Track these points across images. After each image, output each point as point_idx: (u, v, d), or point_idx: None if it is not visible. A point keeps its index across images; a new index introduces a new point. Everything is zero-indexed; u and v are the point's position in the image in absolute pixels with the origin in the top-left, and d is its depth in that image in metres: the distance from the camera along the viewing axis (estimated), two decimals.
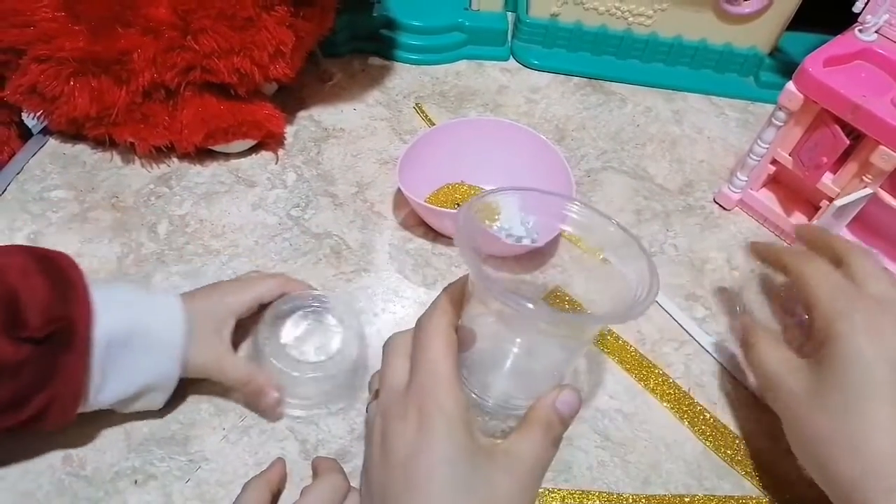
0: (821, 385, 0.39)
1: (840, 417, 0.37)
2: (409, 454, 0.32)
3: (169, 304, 0.42)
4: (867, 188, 0.50)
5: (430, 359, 0.34)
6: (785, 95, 0.52)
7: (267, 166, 0.60)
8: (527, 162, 0.57)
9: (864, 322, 0.38)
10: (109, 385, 0.40)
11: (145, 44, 0.53)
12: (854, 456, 0.36)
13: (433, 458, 0.32)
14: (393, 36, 0.71)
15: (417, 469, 0.32)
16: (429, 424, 0.32)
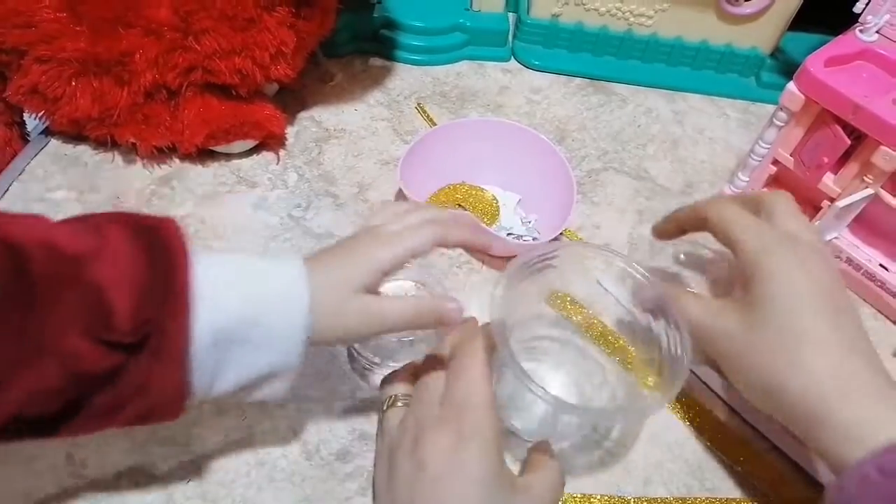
0: (753, 319, 0.39)
1: (778, 342, 0.38)
2: (444, 470, 0.33)
3: (289, 286, 0.36)
4: (868, 189, 0.50)
5: (472, 380, 0.35)
6: (786, 96, 0.52)
7: (268, 167, 0.60)
8: (528, 163, 0.57)
9: (790, 255, 0.40)
10: (222, 379, 0.35)
11: (147, 44, 0.53)
12: (796, 373, 0.37)
13: (468, 478, 0.32)
14: (394, 36, 0.71)
15: (452, 487, 0.32)
16: (466, 444, 0.33)
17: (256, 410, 0.45)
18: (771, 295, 0.39)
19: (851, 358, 0.37)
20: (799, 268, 0.39)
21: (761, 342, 0.39)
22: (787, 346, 0.38)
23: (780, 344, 0.38)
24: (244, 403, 0.45)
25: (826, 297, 0.39)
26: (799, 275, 0.39)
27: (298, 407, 0.46)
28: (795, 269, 0.39)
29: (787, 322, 0.38)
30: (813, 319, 0.38)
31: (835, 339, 0.38)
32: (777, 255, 0.40)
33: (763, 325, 0.39)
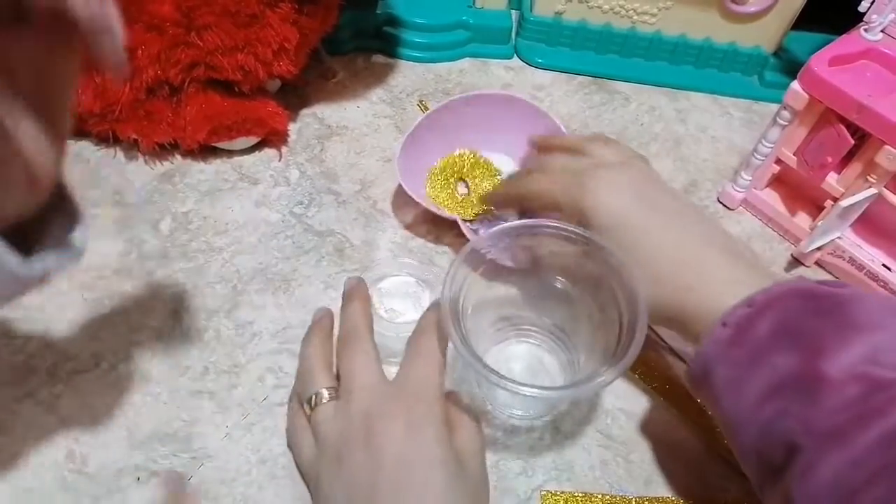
0: None
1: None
2: (404, 457, 0.33)
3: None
4: (872, 188, 0.50)
5: (426, 371, 0.37)
6: (790, 95, 0.52)
7: (270, 164, 0.60)
8: (517, 128, 0.57)
9: (603, 187, 0.42)
10: None
11: (149, 40, 0.53)
12: (651, 278, 0.39)
13: (428, 460, 0.33)
14: (396, 33, 0.71)
15: (413, 472, 0.33)
16: (420, 426, 0.34)
17: (258, 408, 0.45)
18: (604, 232, 0.41)
19: (689, 247, 0.40)
20: (618, 196, 0.42)
21: None
22: (624, 248, 0.40)
23: (619, 246, 0.40)
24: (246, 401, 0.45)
25: (638, 194, 0.42)
26: (617, 201, 0.42)
27: None
28: (615, 199, 0.42)
29: (612, 221, 0.41)
30: (632, 215, 0.41)
31: (668, 237, 0.40)
32: (592, 194, 0.42)
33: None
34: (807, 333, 0.34)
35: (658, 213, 0.42)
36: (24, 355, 0.46)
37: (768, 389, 0.34)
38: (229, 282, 0.51)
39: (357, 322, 0.40)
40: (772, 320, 0.35)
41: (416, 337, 0.39)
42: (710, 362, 0.37)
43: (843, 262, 0.55)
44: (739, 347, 0.36)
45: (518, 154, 0.57)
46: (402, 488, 0.33)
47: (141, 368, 0.46)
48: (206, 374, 0.47)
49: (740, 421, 0.36)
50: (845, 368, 0.32)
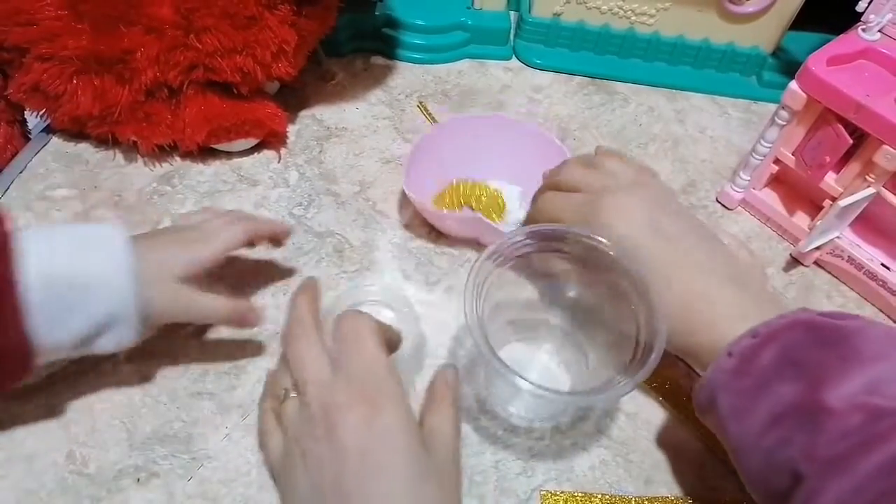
0: None
1: None
2: (366, 445, 0.33)
3: (111, 237, 0.40)
4: (870, 188, 0.50)
5: (369, 350, 0.35)
6: (788, 95, 0.52)
7: (269, 165, 0.60)
8: (527, 155, 0.57)
9: (614, 214, 0.43)
10: (62, 326, 0.38)
11: (148, 42, 0.53)
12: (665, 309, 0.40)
13: (391, 447, 0.33)
14: (395, 35, 0.71)
15: (377, 460, 0.33)
16: (379, 414, 0.33)
17: (258, 409, 0.45)
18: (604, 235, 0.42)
19: (696, 282, 0.41)
20: (624, 222, 0.43)
21: None
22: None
23: None
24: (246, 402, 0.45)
25: (647, 222, 0.43)
26: (624, 227, 0.43)
27: None
28: (622, 225, 0.43)
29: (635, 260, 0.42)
30: (641, 247, 0.42)
31: (676, 273, 0.41)
32: (606, 196, 0.44)
33: None
34: (809, 364, 0.35)
35: (664, 245, 0.42)
36: None
37: (772, 418, 0.35)
38: (228, 283, 0.51)
39: (302, 313, 0.39)
40: (775, 351, 0.36)
41: (348, 321, 0.37)
42: (716, 390, 0.38)
43: (842, 261, 0.55)
44: (744, 377, 0.37)
45: (522, 180, 0.58)
46: (365, 478, 0.33)
47: (141, 370, 0.46)
48: (205, 375, 0.47)
49: (745, 448, 0.37)
50: (847, 398, 0.33)
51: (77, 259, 0.38)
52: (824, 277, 0.57)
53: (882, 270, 0.54)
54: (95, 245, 0.39)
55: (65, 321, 0.38)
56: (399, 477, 0.33)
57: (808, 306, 0.54)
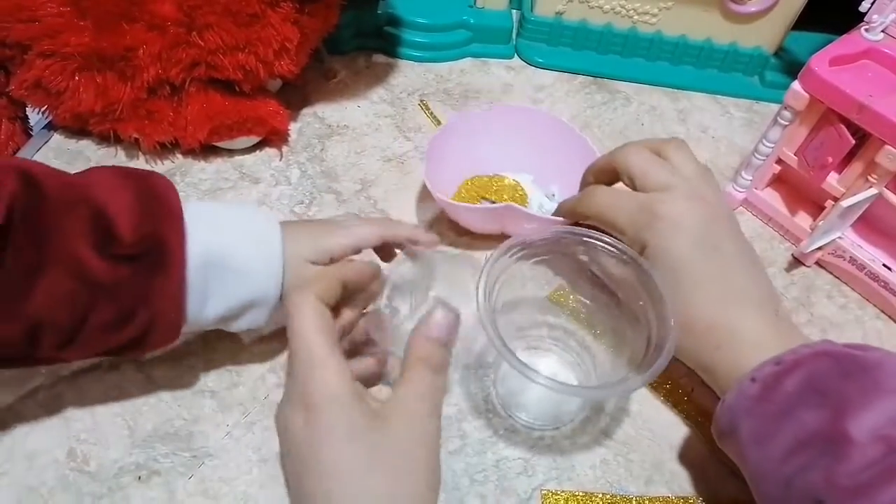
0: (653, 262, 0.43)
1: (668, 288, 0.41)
2: (309, 444, 0.32)
3: (266, 223, 0.42)
4: (873, 188, 0.50)
5: (299, 340, 0.33)
6: (790, 95, 0.52)
7: (271, 163, 0.60)
8: (539, 142, 0.57)
9: (669, 229, 0.42)
10: (210, 302, 0.40)
11: (150, 40, 0.53)
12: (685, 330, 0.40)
13: (332, 442, 0.31)
14: (397, 33, 0.71)
15: (320, 456, 0.31)
16: (317, 412, 0.32)
17: (259, 407, 0.45)
18: (661, 265, 0.42)
19: (729, 304, 0.41)
20: (673, 235, 0.42)
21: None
22: (676, 293, 0.41)
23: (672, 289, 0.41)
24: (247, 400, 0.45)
25: (702, 238, 0.42)
26: (673, 243, 0.42)
27: None
28: (670, 237, 0.42)
29: (671, 264, 0.42)
30: (691, 263, 0.42)
31: (713, 291, 0.42)
32: (654, 230, 0.43)
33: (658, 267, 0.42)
34: (833, 393, 0.36)
35: (713, 263, 0.43)
36: None
37: (795, 444, 0.36)
38: None
39: None
40: (800, 378, 0.37)
41: (287, 305, 0.35)
42: (738, 415, 0.38)
43: (844, 262, 0.55)
44: (767, 402, 0.37)
45: (532, 168, 0.58)
46: (319, 476, 0.31)
47: (142, 367, 0.46)
48: (207, 373, 0.47)
49: (765, 474, 0.37)
50: (869, 429, 0.34)
51: (238, 244, 0.40)
52: (826, 278, 0.57)
53: (884, 271, 0.54)
54: (254, 234, 0.41)
55: (214, 299, 0.40)
56: (345, 467, 0.31)
57: (810, 306, 0.54)
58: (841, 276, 0.57)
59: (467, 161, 0.58)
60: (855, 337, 0.53)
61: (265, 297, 0.41)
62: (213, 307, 0.40)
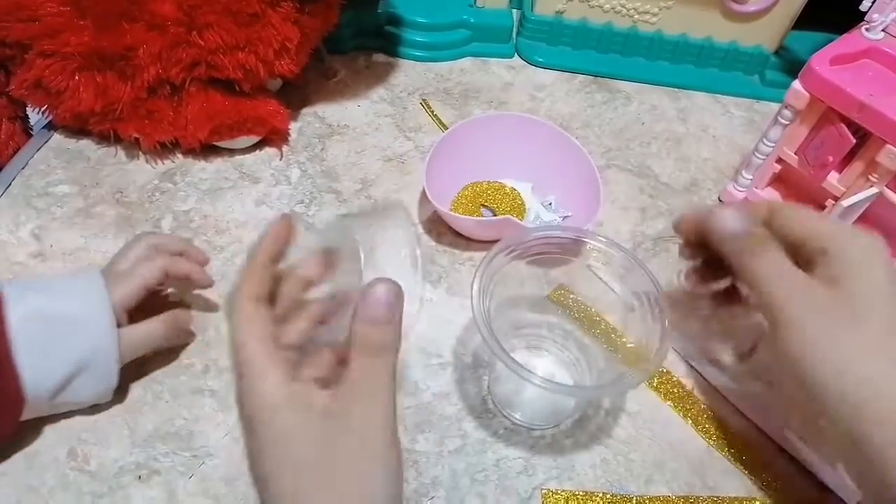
0: (845, 309, 0.33)
1: (855, 328, 0.33)
2: (253, 456, 0.31)
3: (89, 282, 0.42)
4: (873, 187, 0.50)
5: (237, 349, 0.32)
6: (791, 94, 0.51)
7: (271, 162, 0.60)
8: (536, 151, 0.57)
9: (869, 250, 0.34)
10: (44, 373, 0.39)
11: (151, 39, 0.53)
12: (867, 368, 0.32)
13: (276, 460, 0.30)
14: (398, 33, 0.71)
15: (271, 478, 0.30)
16: (255, 423, 0.30)
17: None
18: (862, 292, 0.33)
19: None
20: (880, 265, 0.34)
21: (842, 323, 0.33)
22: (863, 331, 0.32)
23: (856, 327, 0.32)
24: None
25: None
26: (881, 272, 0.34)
27: None
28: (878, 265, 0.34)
29: (863, 312, 0.33)
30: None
31: None
32: (858, 249, 0.34)
33: (854, 320, 0.33)
34: None
35: None
36: None
37: None
38: (230, 280, 0.51)
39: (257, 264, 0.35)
40: None
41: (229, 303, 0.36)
42: None
43: None
44: None
45: (532, 176, 0.58)
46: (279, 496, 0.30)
47: (142, 367, 0.46)
48: (207, 372, 0.47)
49: None
50: None
51: (56, 300, 0.41)
52: None
53: None
54: (73, 287, 0.42)
55: (47, 362, 0.39)
56: (298, 484, 0.30)
57: None
58: None
59: (467, 166, 0.58)
60: None
61: (98, 355, 0.41)
62: (51, 374, 0.39)
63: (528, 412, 0.46)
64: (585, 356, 0.47)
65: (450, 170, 0.56)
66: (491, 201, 0.58)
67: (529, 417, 0.46)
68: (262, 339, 0.32)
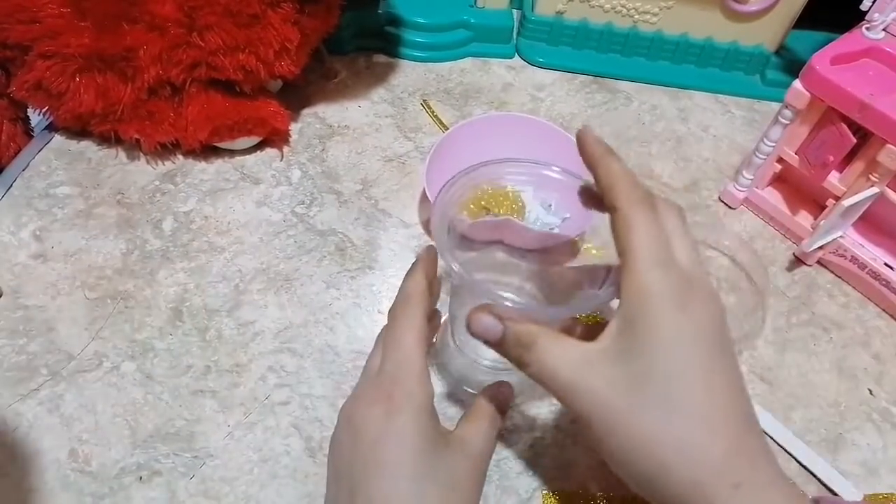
0: (633, 378, 0.31)
1: (664, 417, 0.30)
2: (377, 438, 0.34)
3: None
4: (874, 187, 0.50)
5: (403, 349, 0.35)
6: (792, 93, 0.51)
7: (272, 163, 0.60)
8: (549, 157, 0.57)
9: (676, 301, 0.31)
10: None
11: (151, 40, 0.53)
12: (690, 460, 0.30)
13: (401, 444, 0.33)
14: (398, 33, 0.71)
15: (385, 452, 0.33)
16: (398, 412, 0.34)
17: (260, 407, 0.45)
18: (653, 352, 0.31)
19: (746, 439, 0.31)
20: (687, 321, 0.31)
21: (642, 415, 0.31)
22: (677, 430, 0.30)
23: (668, 423, 0.30)
24: (248, 400, 0.45)
25: (713, 357, 0.31)
26: (688, 329, 0.31)
27: (302, 403, 0.46)
28: (684, 322, 0.31)
29: (678, 398, 0.30)
30: (705, 391, 0.30)
31: (731, 416, 0.31)
32: (664, 300, 0.31)
33: (644, 389, 0.31)
34: None
35: (732, 371, 0.32)
36: (26, 355, 0.47)
37: None
38: (231, 281, 0.52)
39: (410, 292, 0.37)
40: None
41: (395, 316, 0.37)
42: None
43: (846, 261, 0.55)
44: None
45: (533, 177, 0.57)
46: (377, 469, 0.33)
47: (143, 367, 0.46)
48: (207, 373, 0.47)
49: None
50: None
51: None
52: (827, 277, 0.57)
53: (885, 270, 0.53)
54: None
55: None
56: (403, 474, 0.33)
57: (811, 305, 0.54)
58: (842, 274, 0.57)
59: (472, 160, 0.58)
60: (856, 336, 0.53)
61: None
62: None
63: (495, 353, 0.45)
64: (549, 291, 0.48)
65: (450, 170, 0.56)
66: (491, 203, 0.58)
67: (497, 357, 0.44)
68: (424, 346, 0.36)
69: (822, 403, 0.49)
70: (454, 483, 0.35)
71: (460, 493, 0.35)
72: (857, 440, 0.47)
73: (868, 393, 0.50)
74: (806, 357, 0.51)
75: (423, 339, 0.36)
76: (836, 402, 0.49)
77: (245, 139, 0.59)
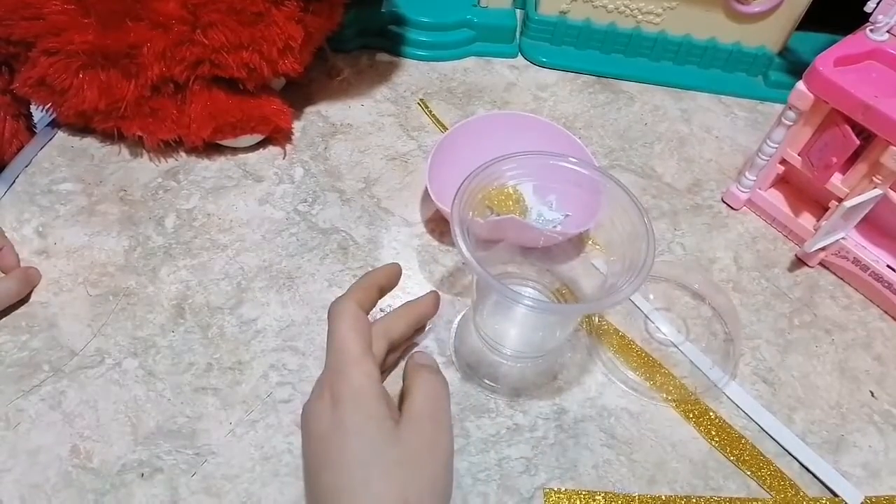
0: None
1: None
2: (325, 431, 0.34)
3: None
4: (877, 189, 0.50)
5: (337, 339, 0.37)
6: (795, 95, 0.51)
7: (274, 161, 0.60)
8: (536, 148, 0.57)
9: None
10: None
11: (154, 38, 0.53)
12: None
13: (345, 432, 0.34)
14: (401, 32, 0.71)
15: (331, 443, 0.34)
16: (339, 402, 0.35)
17: (262, 405, 0.45)
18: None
19: None
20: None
21: None
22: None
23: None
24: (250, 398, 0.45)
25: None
26: None
27: (303, 401, 0.45)
28: None
29: None
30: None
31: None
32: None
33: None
34: None
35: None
36: (28, 351, 0.47)
37: None
38: (233, 279, 0.52)
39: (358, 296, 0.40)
40: None
41: (331, 307, 0.39)
42: None
43: (848, 262, 0.55)
44: None
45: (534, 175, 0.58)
46: (326, 462, 0.34)
47: (145, 364, 0.46)
48: (210, 370, 0.47)
49: None
50: None
51: None
52: (829, 278, 0.57)
53: (887, 272, 0.53)
54: None
55: None
56: (347, 463, 0.33)
57: (813, 307, 0.54)
58: (844, 276, 0.57)
59: (469, 165, 0.58)
60: (858, 338, 0.53)
61: None
62: None
63: (516, 343, 0.47)
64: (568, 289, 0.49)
65: (452, 169, 0.56)
66: (494, 203, 0.58)
67: (518, 348, 0.47)
68: (361, 334, 0.37)
69: (824, 405, 0.49)
70: (407, 457, 0.34)
71: (416, 464, 0.34)
72: (859, 442, 0.47)
73: (870, 395, 0.50)
74: (808, 359, 0.51)
75: (358, 325, 0.37)
76: (837, 404, 0.49)
77: (248, 137, 0.59)
